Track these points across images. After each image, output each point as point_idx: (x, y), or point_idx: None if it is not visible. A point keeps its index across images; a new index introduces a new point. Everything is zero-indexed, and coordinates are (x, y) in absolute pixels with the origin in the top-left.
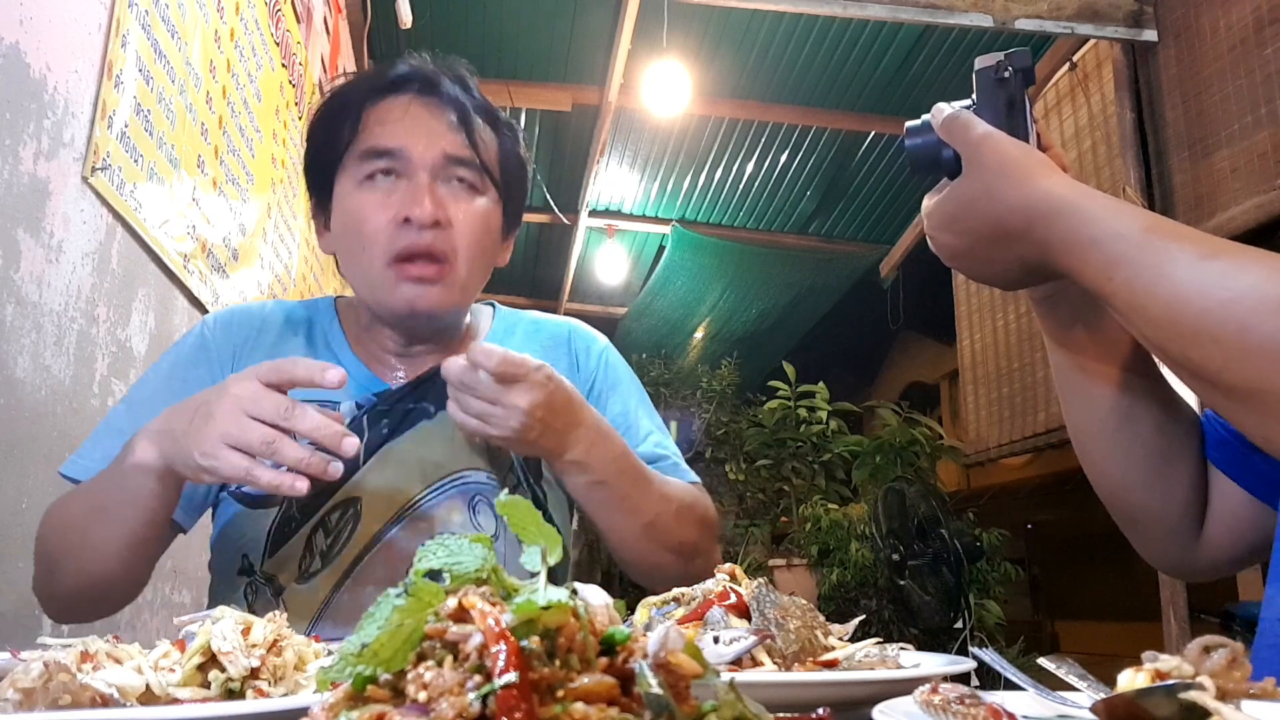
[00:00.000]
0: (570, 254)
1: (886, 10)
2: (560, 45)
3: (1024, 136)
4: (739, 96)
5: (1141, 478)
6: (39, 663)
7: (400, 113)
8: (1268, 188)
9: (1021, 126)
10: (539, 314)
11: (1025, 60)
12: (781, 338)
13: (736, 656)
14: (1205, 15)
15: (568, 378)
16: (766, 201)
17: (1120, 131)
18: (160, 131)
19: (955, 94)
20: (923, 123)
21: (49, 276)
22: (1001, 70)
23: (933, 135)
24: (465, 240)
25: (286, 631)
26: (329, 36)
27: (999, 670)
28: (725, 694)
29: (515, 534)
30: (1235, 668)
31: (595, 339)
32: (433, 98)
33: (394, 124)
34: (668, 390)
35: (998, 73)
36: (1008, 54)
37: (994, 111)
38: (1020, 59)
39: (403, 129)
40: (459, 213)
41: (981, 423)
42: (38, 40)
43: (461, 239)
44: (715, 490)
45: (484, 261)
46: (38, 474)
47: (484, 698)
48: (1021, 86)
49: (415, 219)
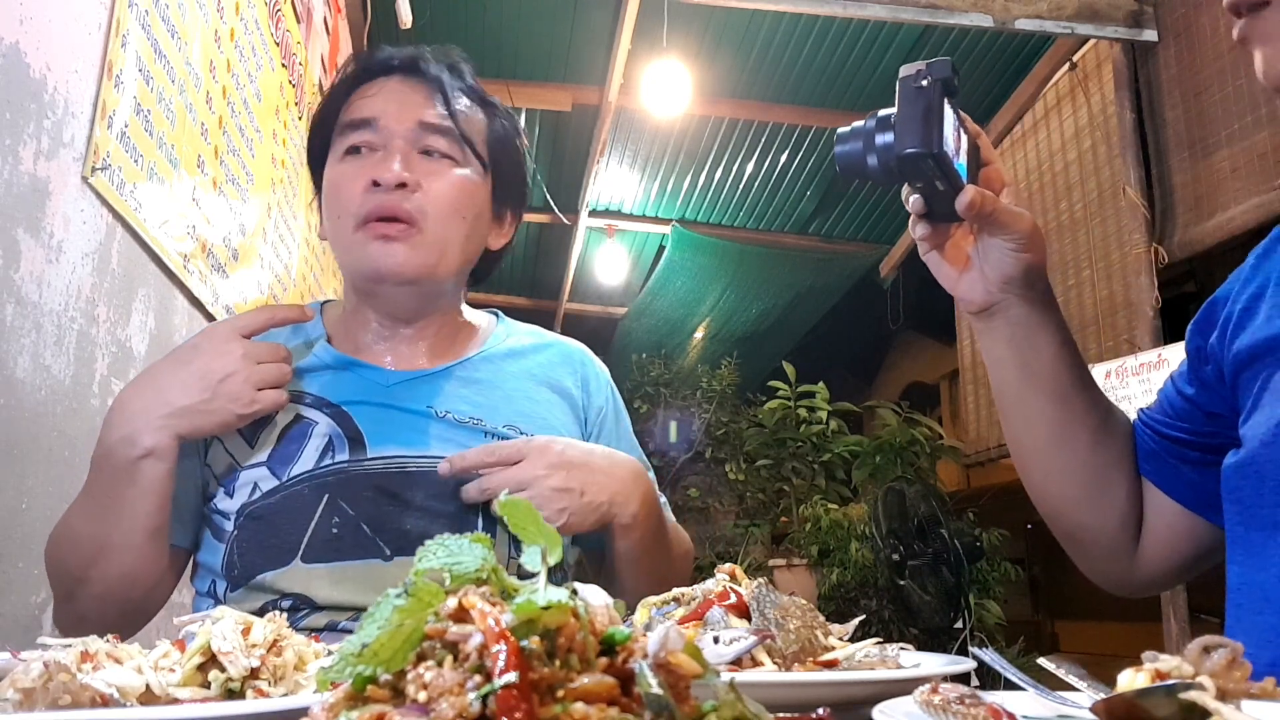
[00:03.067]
0: (570, 254)
1: (886, 10)
2: (560, 45)
3: (940, 142)
4: (739, 96)
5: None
6: (39, 663)
7: (379, 88)
8: (1268, 188)
9: (937, 133)
10: (545, 330)
11: (945, 70)
12: (781, 338)
13: (736, 656)
14: (1205, 15)
15: (574, 396)
16: (766, 201)
17: (1120, 131)
18: (160, 131)
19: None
20: (851, 129)
21: (49, 276)
22: (921, 78)
23: (859, 143)
24: (437, 205)
25: (286, 632)
26: (329, 36)
27: (999, 670)
28: (725, 694)
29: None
30: (1235, 668)
31: (605, 370)
32: (413, 74)
33: (372, 98)
34: (668, 390)
35: (917, 80)
36: (929, 63)
37: (910, 118)
38: (939, 69)
39: (379, 101)
40: (431, 178)
41: (981, 423)
42: (38, 40)
43: (432, 204)
44: (715, 490)
45: (462, 231)
46: (38, 474)
47: (484, 698)
48: (940, 94)
49: (383, 181)
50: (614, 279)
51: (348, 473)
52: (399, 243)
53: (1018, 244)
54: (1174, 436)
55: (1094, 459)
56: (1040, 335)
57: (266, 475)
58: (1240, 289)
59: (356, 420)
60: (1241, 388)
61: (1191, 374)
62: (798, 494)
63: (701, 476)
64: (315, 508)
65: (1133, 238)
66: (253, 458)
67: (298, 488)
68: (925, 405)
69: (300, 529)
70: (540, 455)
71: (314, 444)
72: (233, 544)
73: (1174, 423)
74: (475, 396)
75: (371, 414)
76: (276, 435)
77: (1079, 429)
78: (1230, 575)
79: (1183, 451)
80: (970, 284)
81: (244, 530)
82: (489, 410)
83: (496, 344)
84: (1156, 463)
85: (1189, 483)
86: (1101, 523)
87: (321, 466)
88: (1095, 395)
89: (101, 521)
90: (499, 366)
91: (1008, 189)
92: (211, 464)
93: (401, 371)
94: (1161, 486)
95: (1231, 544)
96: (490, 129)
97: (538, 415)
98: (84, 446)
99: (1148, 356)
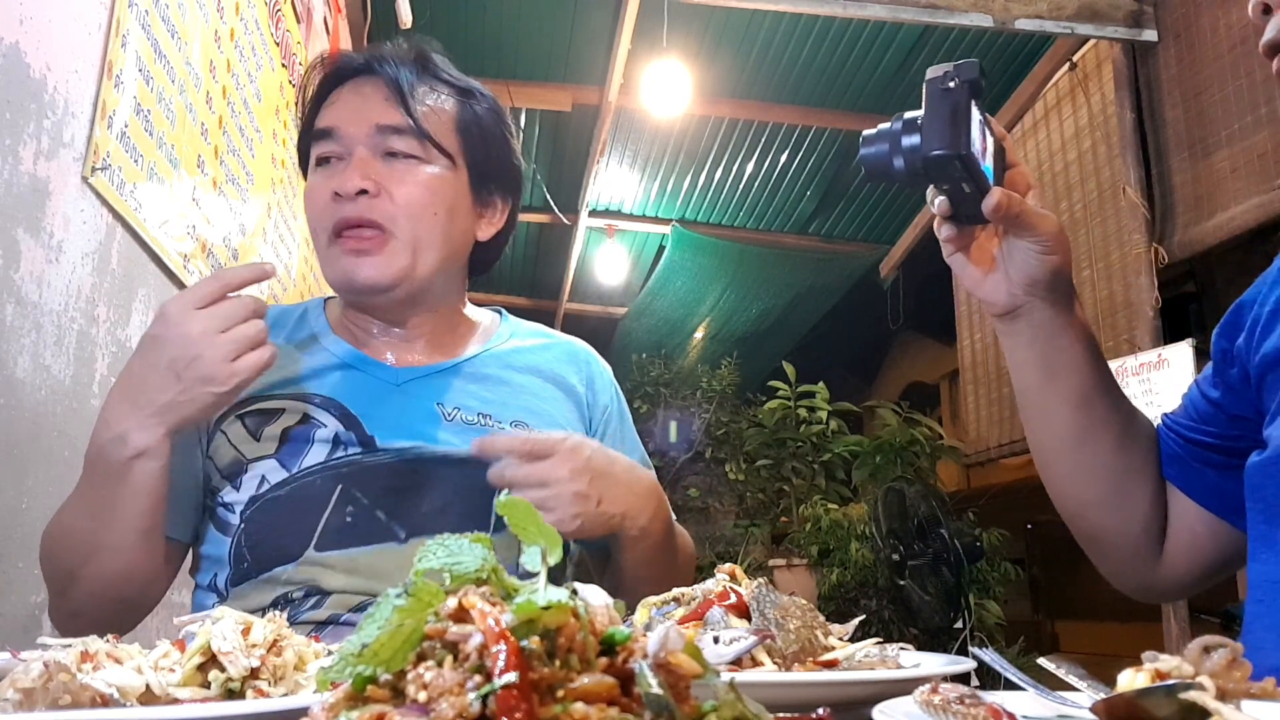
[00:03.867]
0: (570, 254)
1: (886, 10)
2: (560, 45)
3: (968, 143)
4: (739, 96)
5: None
6: (39, 663)
7: (339, 95)
8: (1268, 188)
9: (965, 134)
10: (549, 328)
11: (972, 72)
12: (781, 338)
13: (736, 656)
14: (1205, 15)
15: (579, 394)
16: (766, 201)
17: (1120, 131)
18: (160, 131)
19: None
20: (877, 131)
21: (49, 276)
22: (948, 80)
23: (884, 145)
24: (405, 209)
25: (287, 632)
26: (329, 36)
27: (999, 670)
28: (725, 694)
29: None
30: (1235, 668)
31: (609, 369)
32: (369, 76)
33: (334, 106)
34: (668, 390)
35: (944, 83)
36: (956, 65)
37: (939, 120)
38: (967, 70)
39: (339, 108)
40: (395, 182)
41: (981, 423)
42: (38, 40)
43: (401, 207)
44: (715, 490)
45: (436, 229)
46: (38, 474)
47: (484, 698)
48: (968, 96)
49: (342, 191)
50: (614, 279)
51: (360, 463)
52: (370, 255)
53: (1043, 246)
54: (1198, 440)
55: (1117, 462)
56: (1064, 337)
57: (275, 467)
58: (1268, 291)
59: (365, 424)
60: (1267, 390)
61: (1217, 377)
62: (798, 494)
63: (701, 476)
64: (329, 497)
65: (1133, 238)
66: (259, 451)
67: (310, 479)
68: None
69: (314, 517)
70: (568, 457)
71: (322, 437)
72: (240, 535)
73: (1199, 426)
74: (483, 393)
75: (380, 416)
76: (283, 431)
77: (1102, 432)
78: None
79: (1207, 455)
80: (994, 286)
81: (253, 522)
82: (497, 406)
83: (501, 341)
84: (1180, 466)
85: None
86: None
87: (334, 459)
88: (1118, 398)
89: (95, 519)
90: (505, 364)
91: (1033, 191)
92: (214, 457)
93: (408, 369)
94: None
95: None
96: (460, 117)
97: (544, 412)
98: (84, 446)
99: (1147, 356)
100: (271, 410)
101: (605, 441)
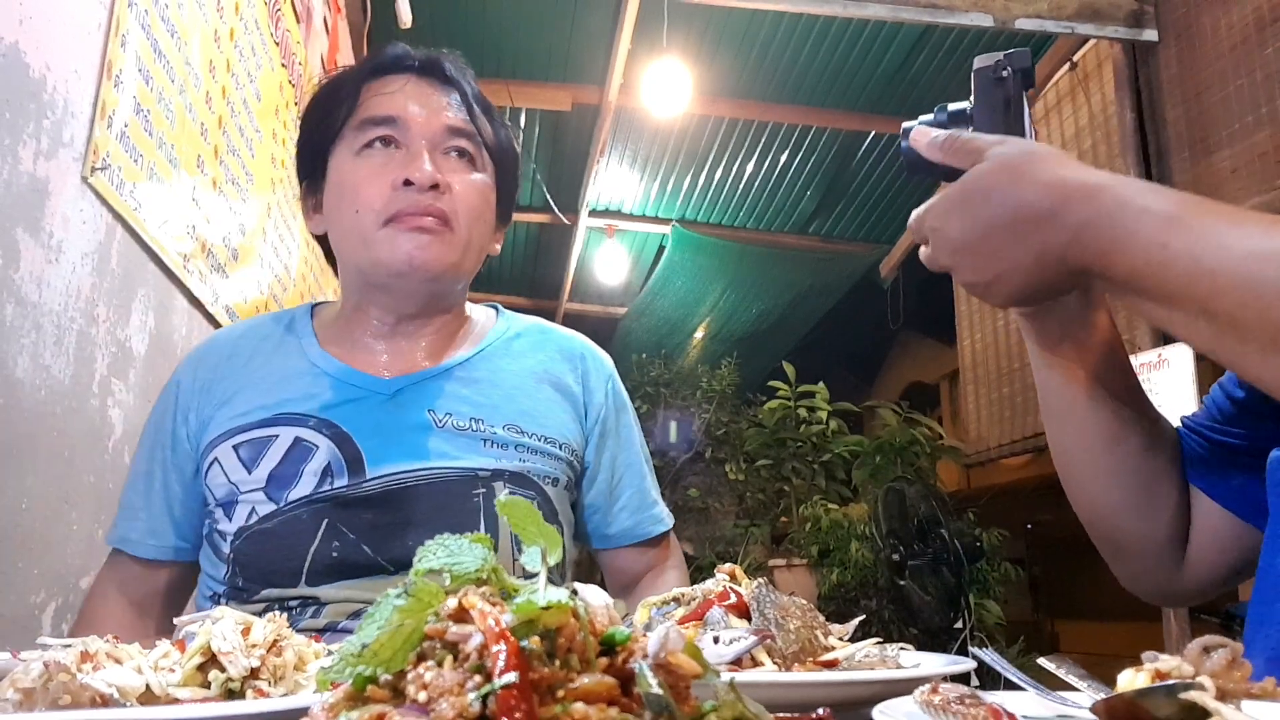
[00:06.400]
0: (570, 254)
1: (886, 10)
2: (560, 45)
3: (1020, 135)
4: (739, 96)
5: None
6: (39, 663)
7: (399, 86)
8: (1268, 188)
9: (1018, 126)
10: (546, 322)
11: (1025, 61)
12: (781, 338)
13: (736, 656)
14: (1206, 15)
15: (574, 393)
16: (766, 201)
17: (1120, 131)
18: (160, 131)
19: (956, 94)
20: (920, 124)
21: (49, 276)
22: (1000, 70)
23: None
24: (464, 206)
25: (286, 632)
26: (329, 36)
27: (999, 670)
28: (725, 694)
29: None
30: (1235, 668)
31: (607, 363)
32: (433, 76)
33: (394, 95)
34: (668, 390)
35: (996, 72)
36: (1007, 54)
37: (991, 111)
38: (1019, 59)
39: (403, 99)
40: (458, 181)
41: (981, 423)
42: (38, 40)
43: (461, 204)
44: (715, 490)
45: (482, 234)
46: (38, 474)
47: (484, 698)
48: (1020, 87)
49: (416, 181)
50: (614, 279)
51: (345, 496)
52: (435, 236)
53: None
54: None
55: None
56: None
57: (263, 499)
58: None
59: (356, 441)
60: None
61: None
62: (798, 494)
63: (701, 476)
64: (314, 532)
65: None
66: (249, 482)
67: (295, 512)
68: (925, 405)
69: (300, 554)
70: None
71: (312, 469)
72: (233, 565)
73: (1223, 427)
74: (475, 397)
75: (371, 432)
76: (275, 458)
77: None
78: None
79: (1232, 456)
80: None
81: (242, 553)
82: (489, 410)
83: (496, 339)
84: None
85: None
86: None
87: (319, 492)
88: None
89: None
90: (498, 365)
91: None
92: (210, 485)
93: (399, 377)
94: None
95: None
96: (496, 138)
97: (538, 414)
98: (84, 446)
99: (1147, 357)
100: (264, 438)
101: (603, 439)
